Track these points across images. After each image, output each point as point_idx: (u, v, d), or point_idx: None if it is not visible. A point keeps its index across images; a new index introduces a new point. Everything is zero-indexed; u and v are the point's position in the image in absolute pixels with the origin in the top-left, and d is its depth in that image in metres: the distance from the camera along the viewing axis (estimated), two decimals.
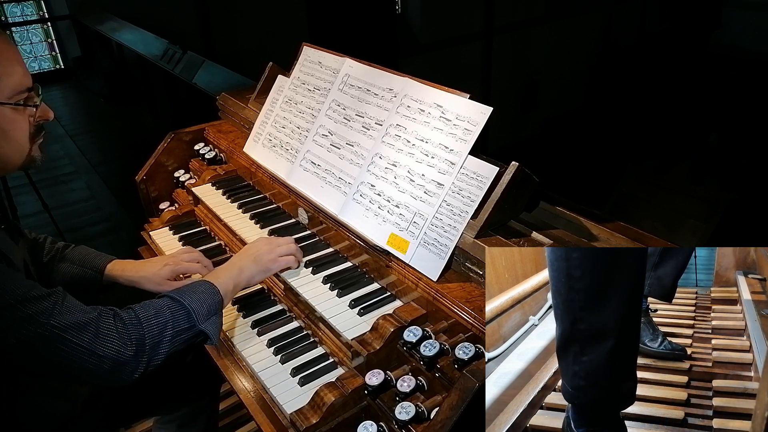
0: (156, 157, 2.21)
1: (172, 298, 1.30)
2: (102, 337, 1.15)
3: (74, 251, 1.66)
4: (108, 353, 1.15)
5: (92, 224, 4.32)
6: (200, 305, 1.31)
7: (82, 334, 1.13)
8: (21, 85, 1.26)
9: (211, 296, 1.35)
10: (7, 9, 7.33)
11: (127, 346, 1.17)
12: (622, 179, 8.11)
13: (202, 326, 1.30)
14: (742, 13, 10.55)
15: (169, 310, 1.27)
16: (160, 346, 1.23)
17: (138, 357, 1.19)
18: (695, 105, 9.58)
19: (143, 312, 1.24)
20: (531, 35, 10.34)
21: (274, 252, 1.53)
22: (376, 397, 1.24)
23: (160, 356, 1.24)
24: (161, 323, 1.24)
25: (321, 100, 1.81)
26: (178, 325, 1.26)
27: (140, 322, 1.22)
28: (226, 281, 1.42)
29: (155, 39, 5.78)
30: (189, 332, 1.28)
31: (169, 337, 1.24)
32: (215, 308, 1.35)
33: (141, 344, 1.19)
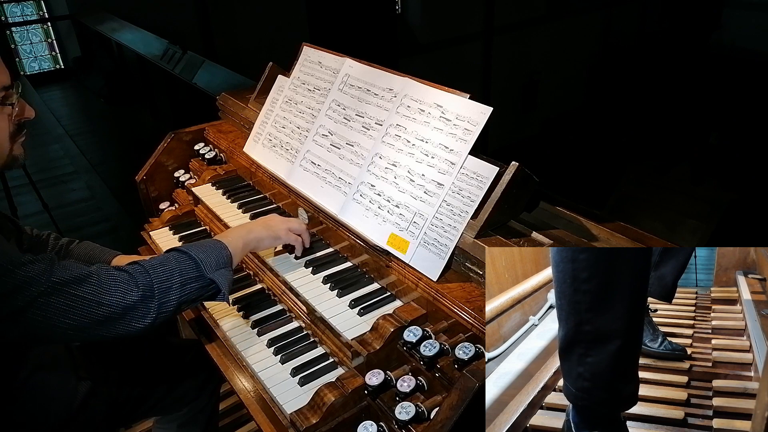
0: (156, 157, 2.21)
1: (178, 250, 1.30)
2: (105, 286, 1.12)
3: (79, 247, 1.66)
4: (114, 300, 1.12)
5: (92, 224, 4.32)
6: (207, 256, 1.30)
7: (85, 286, 1.10)
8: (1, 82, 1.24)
9: (219, 250, 1.34)
10: (7, 9, 7.33)
11: (133, 290, 1.15)
12: (622, 179, 8.12)
13: (211, 275, 1.28)
14: (742, 13, 10.55)
15: (175, 261, 1.26)
16: (170, 292, 1.20)
17: (147, 301, 1.16)
18: (695, 105, 9.58)
19: (148, 263, 1.23)
20: (531, 35, 10.35)
21: (286, 224, 1.56)
22: (376, 397, 1.24)
23: (171, 303, 1.20)
24: (168, 270, 1.22)
25: (321, 100, 1.81)
26: (185, 273, 1.24)
27: (146, 270, 1.20)
28: (235, 239, 1.42)
29: (155, 39, 5.79)
30: (198, 281, 1.26)
31: (178, 284, 1.22)
32: (224, 261, 1.33)
33: (149, 288, 1.17)
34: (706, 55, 10.60)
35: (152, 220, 2.11)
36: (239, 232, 1.46)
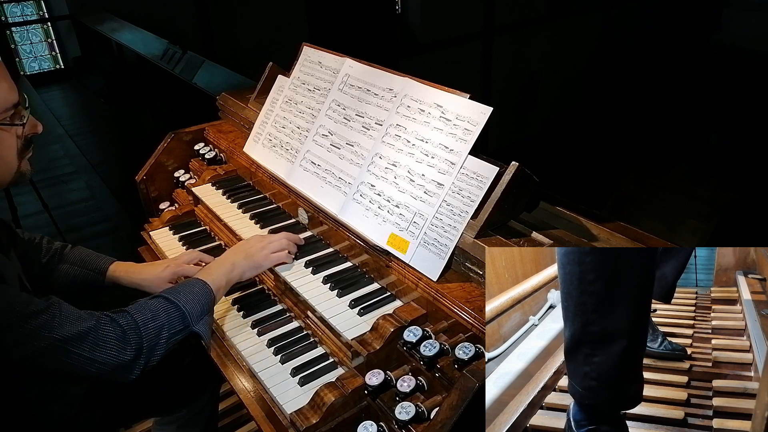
0: (156, 157, 2.21)
1: (167, 299, 1.32)
2: (101, 344, 1.19)
3: (73, 252, 1.66)
4: (108, 360, 1.19)
5: (92, 224, 4.32)
6: (194, 306, 1.34)
7: (83, 344, 1.17)
8: (7, 102, 1.24)
9: (205, 296, 1.38)
10: (7, 9, 7.33)
11: (126, 351, 1.21)
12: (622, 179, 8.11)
13: (195, 328, 1.34)
14: (742, 13, 10.55)
15: (165, 312, 1.29)
16: (157, 348, 1.26)
17: (136, 360, 1.23)
18: (695, 105, 9.58)
19: (140, 316, 1.26)
20: (531, 35, 10.34)
21: (266, 248, 1.55)
22: (376, 397, 1.24)
23: (156, 357, 1.27)
24: (158, 326, 1.27)
25: (321, 100, 1.81)
26: (173, 327, 1.30)
27: (138, 326, 1.24)
28: (219, 278, 1.44)
29: (155, 39, 5.79)
30: (182, 333, 1.32)
31: (165, 339, 1.28)
32: (208, 308, 1.39)
33: (139, 348, 1.23)
34: (706, 55, 10.60)
35: (152, 220, 2.11)
36: (223, 270, 1.47)
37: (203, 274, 1.44)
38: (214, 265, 1.50)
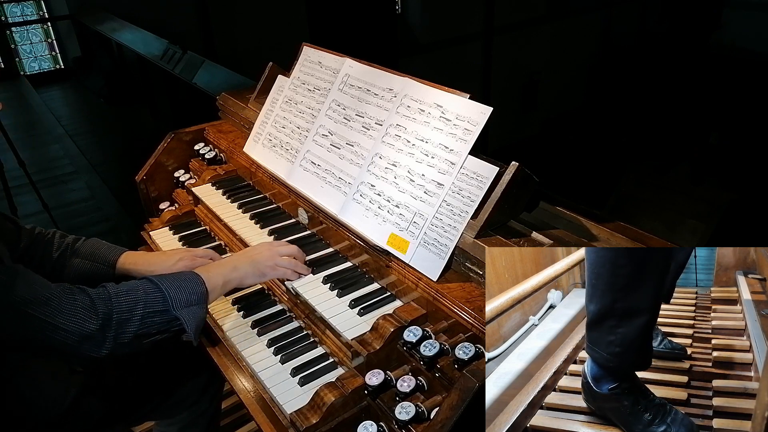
0: (156, 157, 2.21)
1: (150, 280, 1.28)
2: (65, 311, 1.12)
3: (85, 245, 1.65)
4: (72, 327, 1.12)
5: (92, 224, 4.32)
6: (179, 292, 1.28)
7: (44, 309, 1.10)
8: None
9: (194, 286, 1.31)
10: (7, 9, 7.33)
11: (92, 319, 1.14)
12: (622, 179, 8.12)
13: (177, 312, 1.26)
14: (742, 13, 10.56)
15: (143, 290, 1.24)
16: (129, 323, 1.19)
17: (104, 331, 1.16)
18: (695, 105, 9.58)
19: (114, 288, 1.22)
20: (531, 35, 10.35)
21: (273, 259, 1.50)
22: (376, 397, 1.24)
23: (127, 335, 1.19)
24: (132, 300, 1.21)
25: (321, 100, 1.81)
26: (150, 306, 1.22)
27: (109, 297, 1.19)
28: (215, 276, 1.40)
29: (155, 39, 5.79)
30: (162, 315, 1.24)
31: (139, 316, 1.21)
32: (197, 299, 1.31)
33: (107, 319, 1.16)
34: (706, 55, 10.60)
35: (152, 220, 2.11)
36: (222, 269, 1.43)
37: (200, 269, 1.41)
38: (214, 264, 1.48)
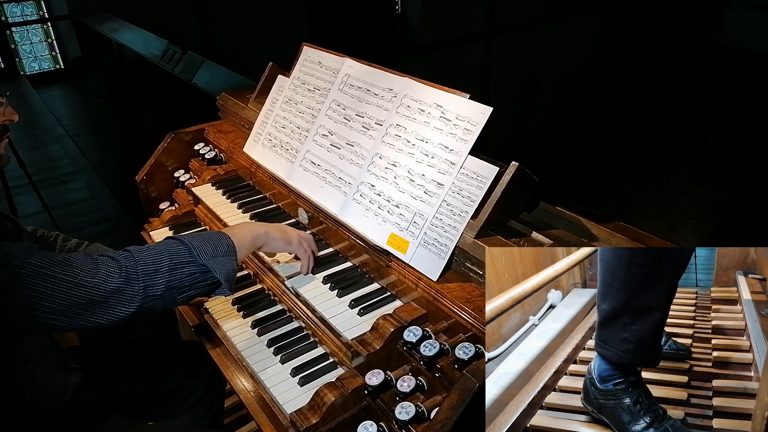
0: (156, 157, 2.21)
1: (171, 237, 1.27)
2: (86, 268, 1.09)
3: (88, 250, 1.65)
4: (96, 282, 1.08)
5: (92, 224, 4.32)
6: (203, 243, 1.24)
7: (63, 269, 1.07)
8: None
9: (219, 237, 1.28)
10: (7, 9, 7.33)
11: (115, 272, 1.11)
12: (622, 179, 8.12)
13: (205, 261, 1.22)
14: (742, 13, 10.56)
15: (165, 245, 1.21)
16: (156, 274, 1.15)
17: (131, 283, 1.12)
18: (695, 105, 9.58)
19: (136, 247, 1.19)
20: (531, 35, 10.35)
21: (299, 236, 1.52)
22: (376, 397, 1.24)
23: (158, 286, 1.15)
24: (156, 253, 1.17)
25: (321, 100, 1.81)
26: (175, 257, 1.19)
27: (131, 253, 1.16)
28: (243, 233, 1.38)
29: (155, 39, 5.78)
30: (190, 266, 1.20)
31: (167, 267, 1.16)
32: (224, 249, 1.27)
33: (133, 270, 1.12)
34: (706, 55, 10.60)
35: (152, 220, 2.11)
36: (250, 226, 1.42)
37: (226, 228, 1.38)
38: (241, 223, 1.46)
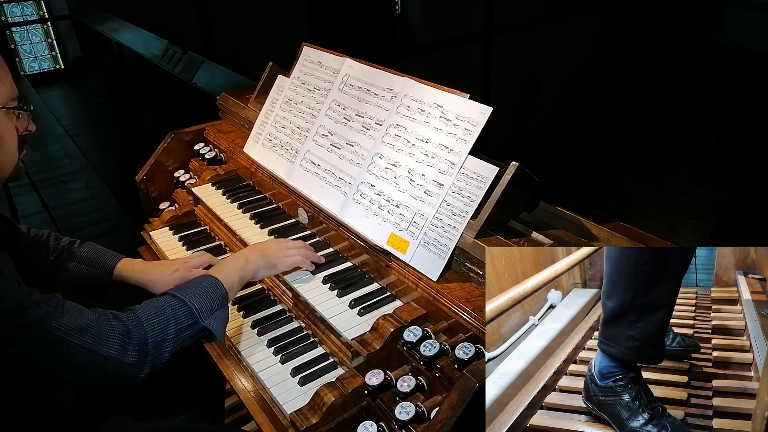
0: (156, 157, 2.21)
1: (173, 295, 1.30)
2: (105, 338, 1.15)
3: (81, 249, 1.65)
4: (112, 354, 1.15)
5: (92, 224, 4.31)
6: (202, 301, 1.30)
7: (85, 336, 1.13)
8: (12, 93, 1.28)
9: (214, 290, 1.34)
10: (7, 9, 7.33)
11: (130, 347, 1.17)
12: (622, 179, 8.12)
13: (206, 322, 1.29)
14: (742, 13, 10.55)
15: (170, 308, 1.26)
16: (164, 344, 1.22)
17: (143, 357, 1.19)
18: (695, 105, 9.58)
19: (143, 312, 1.24)
20: (531, 35, 10.34)
21: (282, 251, 1.53)
22: (376, 397, 1.24)
23: (165, 355, 1.23)
24: (163, 321, 1.23)
25: (321, 100, 1.81)
26: (180, 322, 1.25)
27: (141, 322, 1.21)
28: (231, 273, 1.41)
29: (155, 39, 5.78)
30: (192, 329, 1.28)
31: (172, 335, 1.24)
32: (219, 302, 1.34)
33: (144, 344, 1.19)
34: (706, 55, 10.60)
35: (152, 220, 2.11)
36: (235, 264, 1.45)
37: (214, 270, 1.42)
38: (226, 261, 1.48)
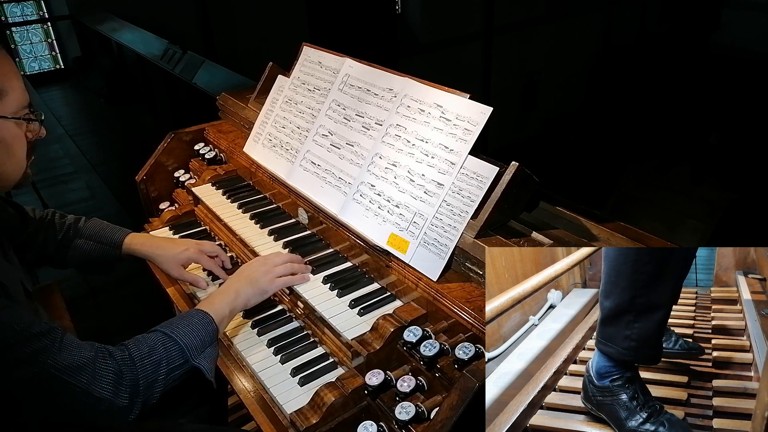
0: (156, 157, 2.21)
1: (165, 333, 1.28)
2: (98, 378, 1.14)
3: (87, 226, 1.68)
4: (104, 395, 1.14)
5: None
6: (193, 338, 1.29)
7: (80, 376, 1.12)
8: (24, 101, 1.27)
9: (205, 327, 1.33)
10: (7, 9, 7.33)
11: (122, 389, 1.16)
12: (622, 179, 8.11)
13: (196, 362, 1.29)
14: (742, 13, 10.55)
15: (162, 347, 1.25)
16: (155, 385, 1.22)
17: (133, 399, 1.18)
18: (695, 105, 9.58)
19: (137, 350, 1.22)
20: (531, 35, 10.34)
21: (270, 273, 1.50)
22: (376, 397, 1.24)
23: (155, 395, 1.22)
24: (155, 361, 1.23)
25: (321, 100, 1.81)
26: (172, 362, 1.25)
27: (134, 362, 1.20)
28: (222, 307, 1.40)
29: (155, 39, 5.78)
30: (183, 368, 1.27)
31: (164, 375, 1.23)
32: (209, 339, 1.33)
33: (135, 386, 1.18)
34: (706, 55, 10.60)
35: (152, 220, 2.11)
36: (226, 298, 1.43)
37: (205, 305, 1.40)
38: (216, 294, 1.45)
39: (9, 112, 1.23)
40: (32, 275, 3.22)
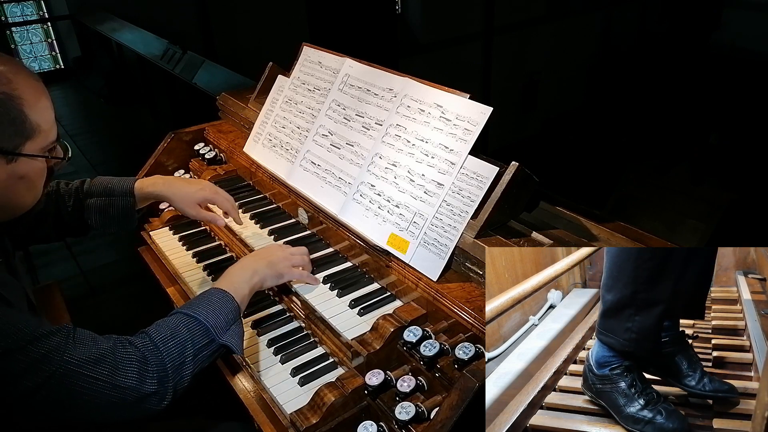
0: (156, 157, 2.21)
1: (186, 314, 1.24)
2: (121, 368, 1.08)
3: (93, 185, 1.68)
4: (130, 384, 1.08)
5: None
6: (216, 317, 1.25)
7: (100, 368, 1.06)
8: (53, 136, 1.24)
9: (227, 305, 1.30)
10: (7, 9, 7.33)
11: (148, 376, 1.11)
12: (622, 179, 8.11)
13: (223, 339, 1.24)
14: (742, 13, 10.56)
15: (186, 328, 1.20)
16: (183, 368, 1.16)
17: (163, 384, 1.12)
18: (695, 105, 9.58)
19: (158, 335, 1.17)
20: (531, 35, 10.34)
21: (289, 259, 1.50)
22: (376, 397, 1.24)
23: (186, 378, 1.17)
24: (180, 343, 1.17)
25: (321, 100, 1.81)
26: (197, 342, 1.20)
27: (157, 346, 1.15)
28: (241, 286, 1.37)
29: (155, 39, 5.78)
30: (210, 347, 1.23)
31: (191, 356, 1.18)
32: (233, 317, 1.29)
33: (163, 370, 1.13)
34: (706, 56, 10.60)
35: (152, 220, 2.11)
36: (244, 275, 1.40)
37: (223, 283, 1.36)
38: (234, 272, 1.42)
39: (38, 149, 1.19)
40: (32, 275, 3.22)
